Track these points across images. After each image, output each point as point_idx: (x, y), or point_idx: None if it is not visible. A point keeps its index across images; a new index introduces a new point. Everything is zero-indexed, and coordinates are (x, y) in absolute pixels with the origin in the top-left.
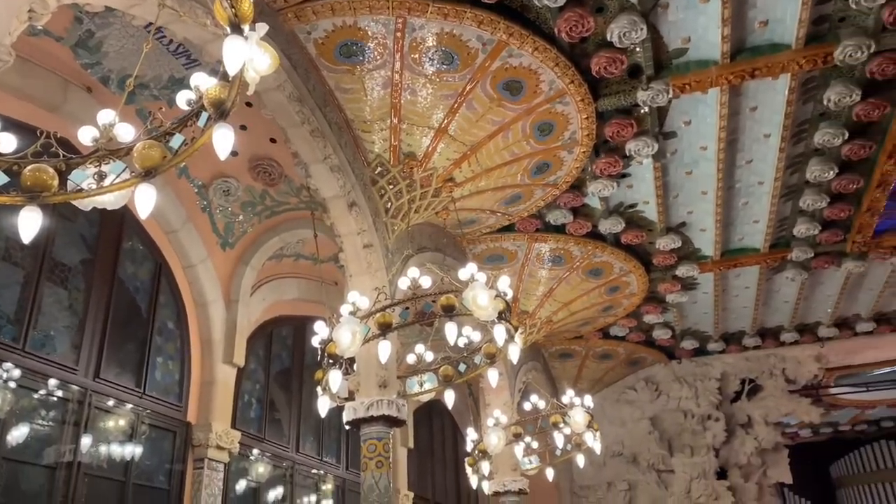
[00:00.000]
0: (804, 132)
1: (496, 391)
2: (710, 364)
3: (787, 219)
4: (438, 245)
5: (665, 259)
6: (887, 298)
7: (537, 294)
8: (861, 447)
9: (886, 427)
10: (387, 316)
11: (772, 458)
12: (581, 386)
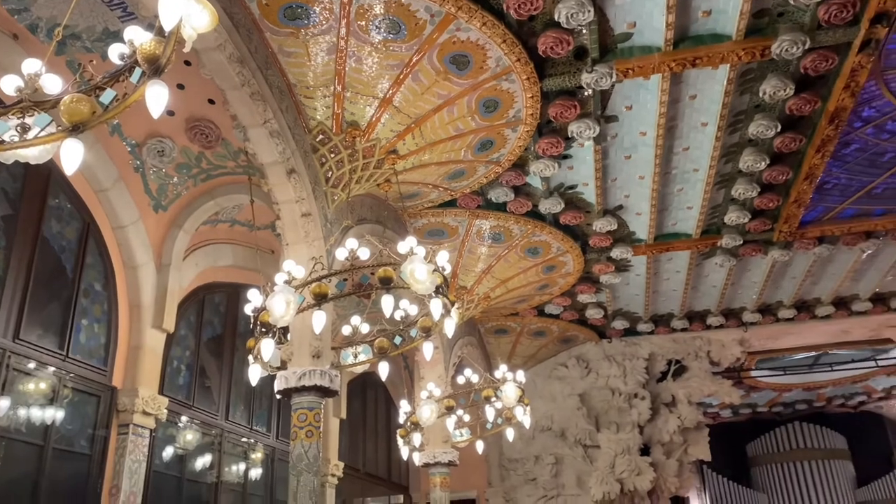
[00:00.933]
0: (740, 123)
1: (431, 364)
2: (639, 344)
3: (719, 206)
4: (379, 217)
5: (601, 241)
6: (808, 287)
7: (476, 270)
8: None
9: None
10: (322, 286)
11: (693, 437)
12: (515, 362)
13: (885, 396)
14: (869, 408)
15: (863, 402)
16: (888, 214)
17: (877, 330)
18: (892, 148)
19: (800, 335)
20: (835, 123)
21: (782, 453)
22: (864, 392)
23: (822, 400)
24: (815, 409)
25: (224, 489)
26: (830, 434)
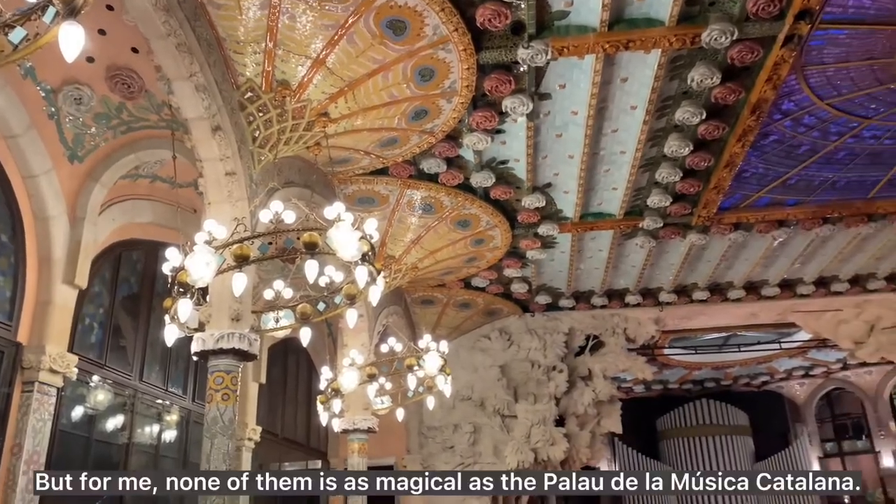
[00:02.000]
0: (667, 108)
1: (355, 332)
2: (560, 319)
3: (643, 189)
4: (307, 181)
5: (529, 217)
6: (722, 271)
7: (405, 240)
8: (685, 404)
9: (709, 387)
10: (244, 248)
11: (606, 410)
12: (439, 332)
13: (786, 377)
14: (771, 387)
15: (766, 382)
16: (800, 205)
17: (783, 314)
18: (807, 141)
19: (711, 316)
20: (756, 114)
21: (689, 428)
22: (767, 373)
23: (728, 379)
24: (722, 387)
25: (135, 450)
26: (734, 411)
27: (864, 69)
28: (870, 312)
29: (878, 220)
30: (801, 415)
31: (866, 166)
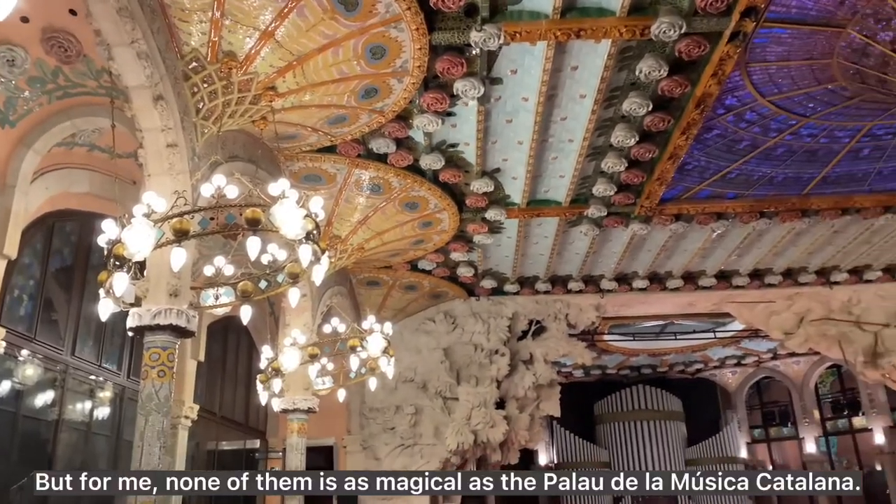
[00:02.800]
0: (615, 98)
1: (298, 311)
2: (504, 304)
3: (589, 178)
4: (252, 156)
5: (477, 201)
6: (662, 261)
7: (352, 220)
8: (622, 389)
9: (645, 373)
10: (184, 222)
11: (546, 393)
12: (384, 314)
13: (719, 366)
14: (704, 375)
15: (700, 369)
16: (739, 198)
17: (718, 304)
18: (748, 136)
19: (650, 304)
20: (700, 108)
21: (625, 413)
22: (701, 361)
23: (664, 366)
24: (658, 373)
25: (66, 427)
26: (669, 397)
27: (804, 68)
28: (800, 305)
29: (811, 216)
30: (731, 402)
31: (802, 163)
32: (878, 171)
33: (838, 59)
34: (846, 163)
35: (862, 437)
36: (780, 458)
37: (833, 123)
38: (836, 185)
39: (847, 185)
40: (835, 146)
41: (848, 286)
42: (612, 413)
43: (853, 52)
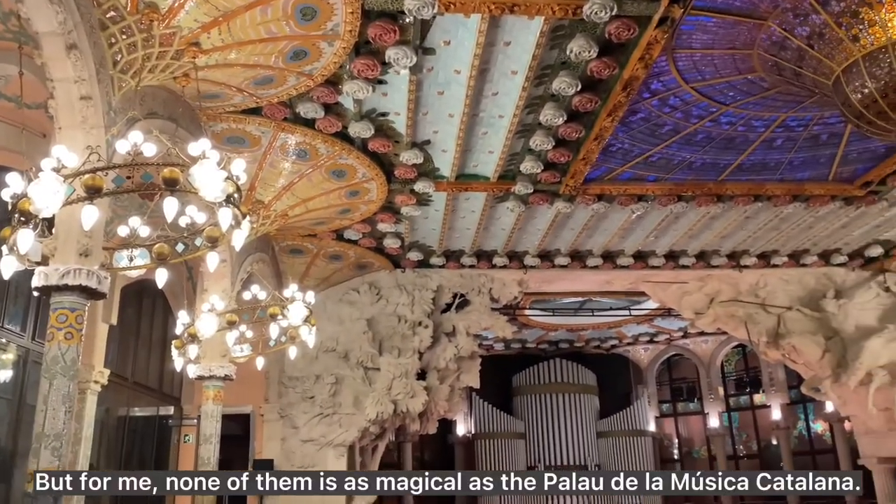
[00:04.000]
0: (546, 77)
1: (217, 277)
2: (430, 276)
3: (517, 154)
4: (173, 114)
5: (406, 172)
6: (584, 239)
7: (276, 186)
8: (539, 363)
9: (563, 348)
10: (97, 179)
11: (466, 365)
12: (307, 283)
13: (632, 342)
14: (619, 351)
15: (614, 345)
16: (659, 182)
17: (635, 283)
18: (671, 121)
19: (571, 281)
20: (627, 91)
21: (542, 385)
22: (616, 337)
23: (581, 341)
24: (575, 348)
25: None
26: (584, 371)
27: (727, 57)
28: (711, 286)
29: (725, 202)
30: (643, 377)
31: (720, 150)
32: (789, 161)
33: (759, 51)
34: (760, 152)
35: (761, 413)
36: (685, 432)
37: (750, 113)
38: (750, 173)
39: (760, 173)
40: (751, 135)
41: (756, 270)
42: (530, 385)
43: (773, 45)
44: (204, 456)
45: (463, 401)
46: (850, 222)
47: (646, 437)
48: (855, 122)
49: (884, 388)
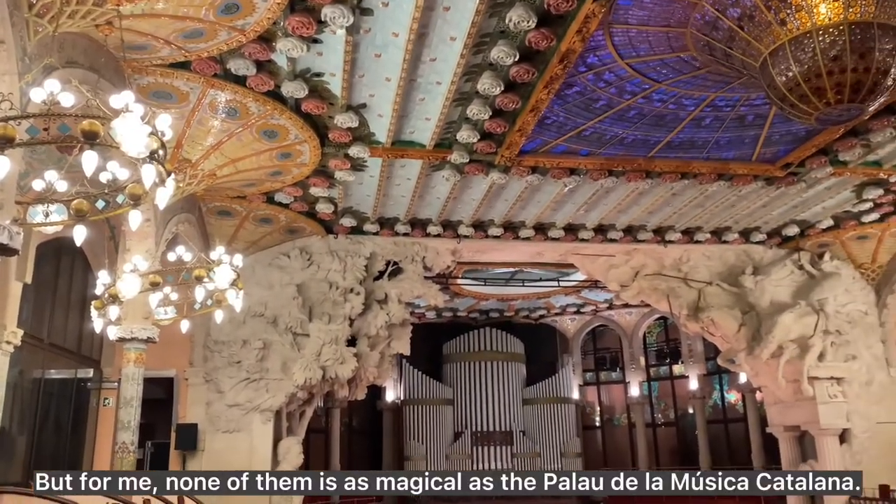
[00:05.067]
0: (484, 45)
1: (140, 236)
2: (363, 243)
3: (454, 123)
4: (94, 64)
5: (341, 136)
6: (517, 211)
7: (204, 144)
8: (470, 331)
9: (493, 317)
10: (8, 128)
11: (397, 332)
12: (236, 246)
13: (560, 312)
14: (546, 321)
15: (543, 315)
16: (591, 156)
17: (564, 255)
18: (605, 96)
19: (503, 252)
20: (564, 63)
21: (472, 353)
22: (545, 307)
23: (511, 310)
24: (505, 317)
25: None
26: (513, 340)
27: (661, 35)
28: (636, 260)
29: (654, 178)
30: (568, 347)
31: (651, 127)
32: (715, 141)
33: (692, 30)
34: (689, 130)
35: (679, 382)
36: (607, 400)
37: (681, 91)
38: (678, 151)
39: (688, 151)
40: (681, 113)
41: (680, 245)
42: (459, 353)
43: (705, 25)
44: (124, 419)
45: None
46: (770, 202)
47: (569, 405)
48: (779, 104)
49: (793, 360)
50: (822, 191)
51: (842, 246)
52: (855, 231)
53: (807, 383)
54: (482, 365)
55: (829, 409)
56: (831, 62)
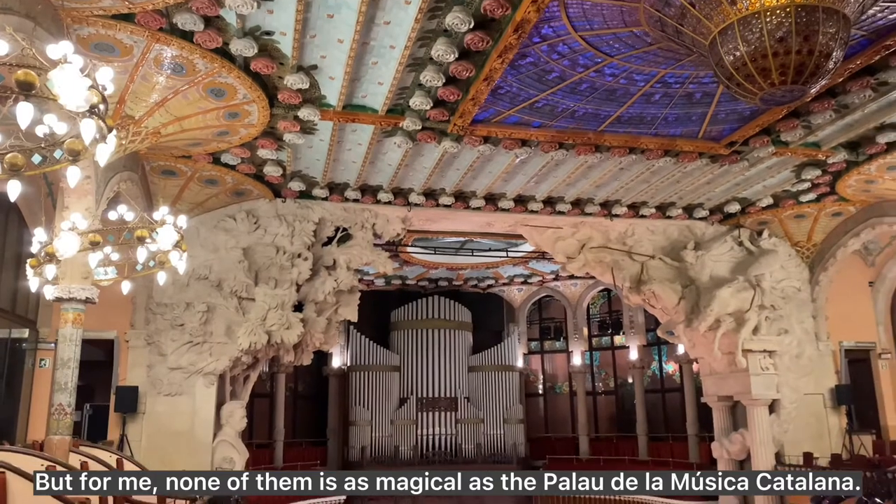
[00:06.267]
0: (439, 10)
1: (79, 194)
2: (312, 208)
3: (407, 89)
4: (31, 11)
5: (290, 97)
6: (468, 180)
7: (148, 101)
8: (418, 299)
9: (442, 286)
10: None
11: (345, 299)
12: (180, 207)
13: (508, 283)
14: (494, 290)
15: (491, 285)
16: (543, 128)
17: (513, 226)
18: (558, 68)
19: (453, 221)
20: (518, 33)
21: (420, 321)
22: (493, 277)
23: (460, 279)
24: (453, 286)
25: None
26: (461, 309)
27: (615, 9)
28: (583, 233)
29: (603, 152)
30: (515, 316)
31: (602, 101)
32: (664, 117)
33: (645, 5)
34: (639, 105)
35: (620, 353)
36: (550, 369)
37: (633, 66)
38: (627, 125)
39: (637, 126)
40: (631, 88)
41: (626, 220)
42: (408, 321)
43: (658, 0)
44: (61, 381)
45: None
46: (713, 179)
47: (514, 373)
48: (726, 82)
49: (729, 333)
50: (764, 170)
51: (780, 224)
52: (793, 210)
53: (741, 355)
54: (430, 333)
55: (761, 381)
56: (777, 43)
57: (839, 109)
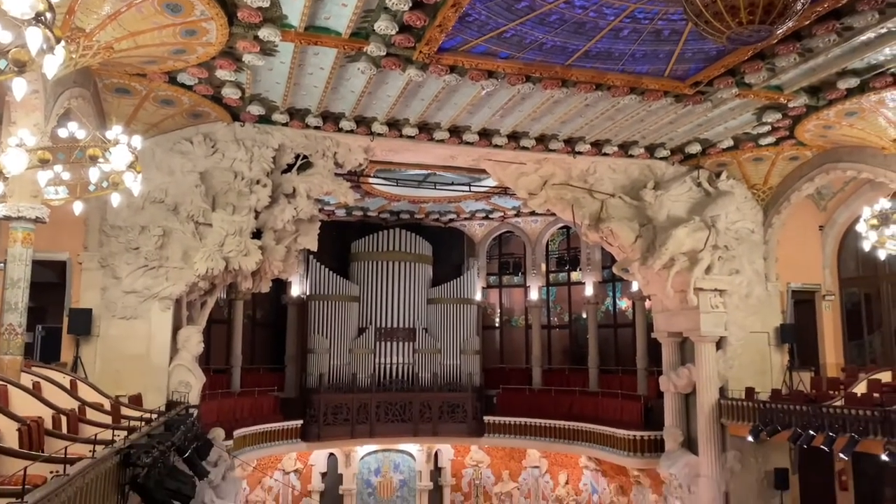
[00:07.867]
0: None
1: (27, 108)
2: (271, 133)
3: (373, 12)
4: None
5: (251, 16)
6: (433, 111)
7: (100, 13)
8: (379, 231)
9: (403, 219)
10: None
11: (305, 228)
12: (135, 127)
13: (469, 217)
14: (455, 225)
15: (452, 219)
16: (510, 59)
17: (477, 160)
18: None
19: (417, 153)
20: None
21: (380, 253)
22: (455, 212)
23: (422, 213)
24: (415, 219)
25: None
26: (421, 242)
27: None
28: (546, 169)
29: (569, 87)
30: (475, 251)
31: (570, 34)
32: (631, 53)
33: None
34: (607, 40)
35: (576, 289)
36: (507, 303)
37: None
38: (595, 61)
39: (605, 62)
40: (601, 22)
41: (588, 157)
42: (368, 252)
43: None
44: (11, 301)
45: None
46: (676, 119)
47: (472, 306)
48: (694, 20)
49: (682, 272)
50: (726, 111)
51: (738, 166)
52: (752, 153)
53: (692, 294)
54: (390, 265)
55: (710, 319)
56: None
57: (803, 53)
